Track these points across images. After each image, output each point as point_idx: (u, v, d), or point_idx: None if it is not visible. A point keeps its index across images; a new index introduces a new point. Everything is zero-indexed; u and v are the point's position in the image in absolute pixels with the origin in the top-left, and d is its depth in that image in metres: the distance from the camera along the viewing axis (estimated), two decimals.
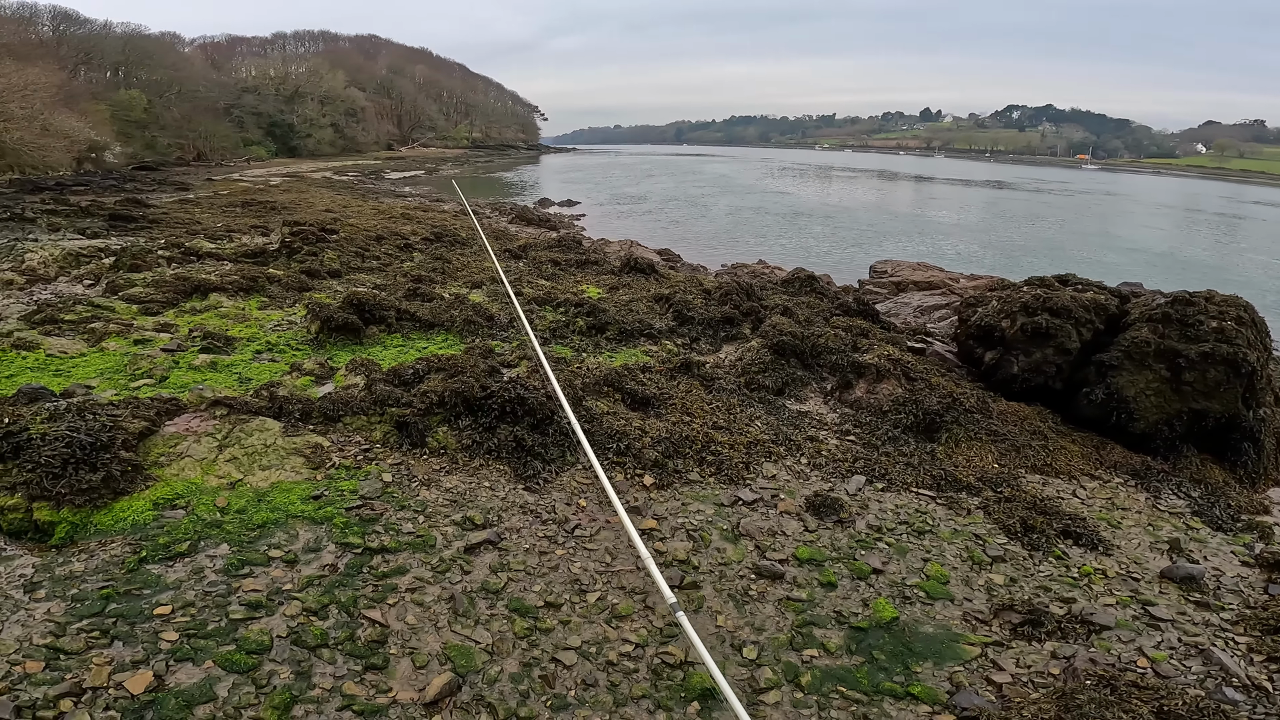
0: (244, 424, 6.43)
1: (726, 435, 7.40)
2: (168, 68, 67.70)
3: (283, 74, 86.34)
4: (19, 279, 10.01)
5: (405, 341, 9.40)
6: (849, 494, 6.50)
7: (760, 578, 5.16)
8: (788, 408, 8.66)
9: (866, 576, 5.21)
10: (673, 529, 5.75)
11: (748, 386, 9.00)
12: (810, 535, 5.75)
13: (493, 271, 14.52)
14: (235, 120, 70.86)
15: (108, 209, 20.08)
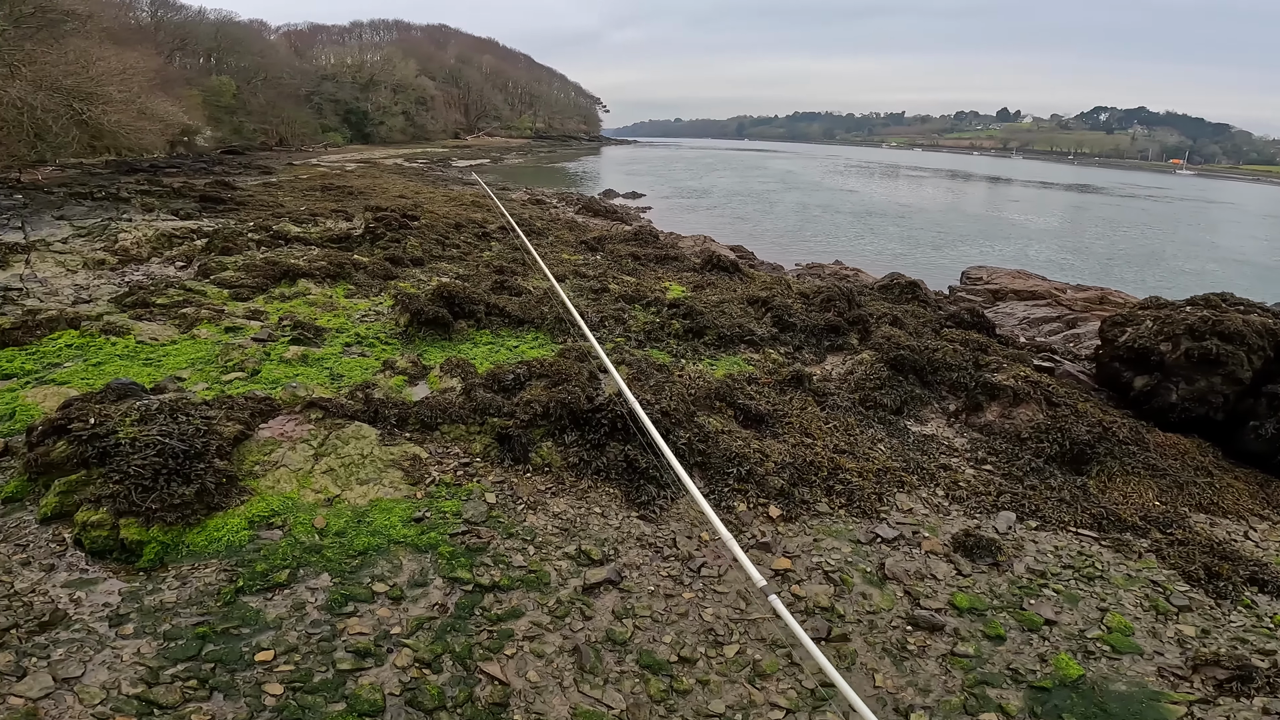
0: (340, 429, 5.83)
1: (852, 461, 6.55)
2: (255, 55, 69.41)
3: (359, 62, 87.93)
4: (111, 259, 9.75)
5: (495, 339, 8.72)
6: (999, 532, 5.73)
7: (917, 629, 4.52)
8: (910, 430, 7.72)
9: (1038, 628, 4.56)
10: (808, 569, 5.01)
11: (863, 404, 8.06)
12: (965, 580, 5.03)
13: (573, 264, 13.81)
14: (315, 107, 72.41)
15: (198, 191, 20.21)
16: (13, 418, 5.33)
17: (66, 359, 6.43)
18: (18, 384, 5.84)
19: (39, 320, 6.72)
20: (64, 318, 6.94)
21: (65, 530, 4.46)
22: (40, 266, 8.92)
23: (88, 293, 8.35)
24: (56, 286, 8.39)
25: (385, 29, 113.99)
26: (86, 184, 23.12)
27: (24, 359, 6.31)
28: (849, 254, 22.77)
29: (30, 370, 6.11)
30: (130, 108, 33.07)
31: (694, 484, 5.16)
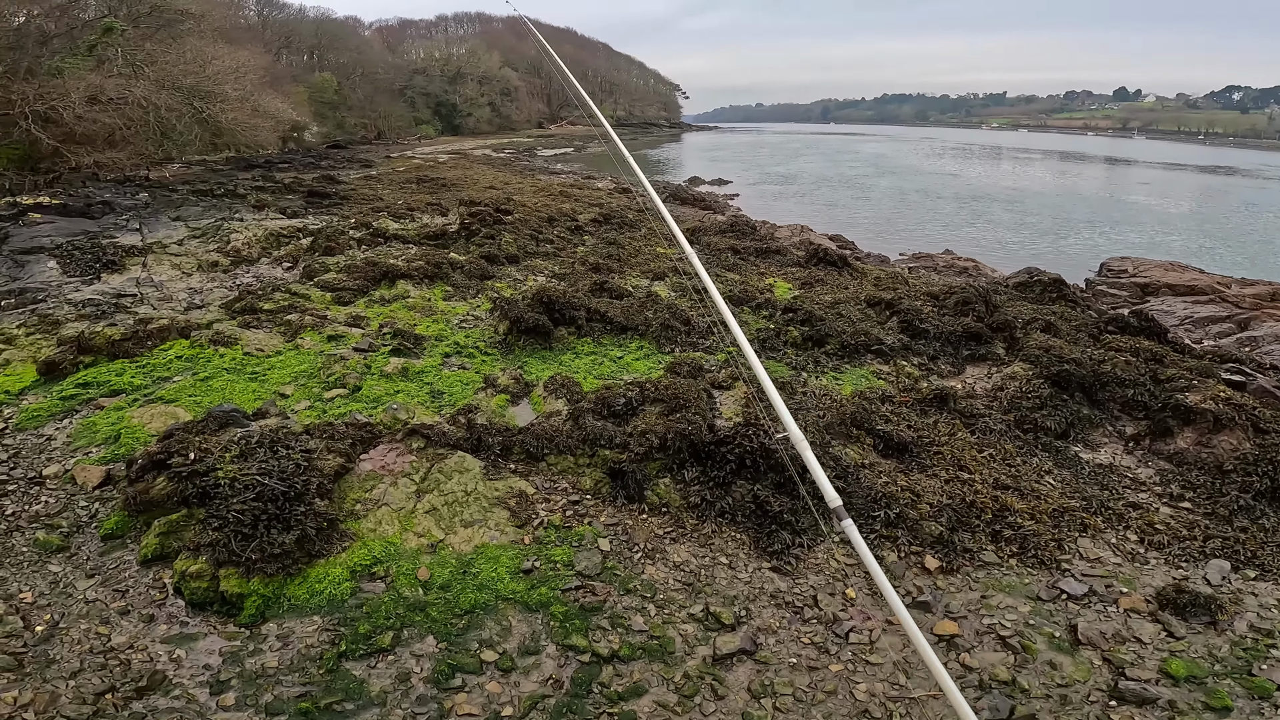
0: (442, 461, 5.29)
1: (1020, 499, 5.43)
2: (352, 51, 72.11)
3: (446, 55, 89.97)
4: (224, 260, 9.74)
5: (597, 348, 8.04)
6: (1212, 584, 4.78)
7: (1123, 703, 3.75)
8: (1081, 458, 6.42)
9: (1270, 695, 3.81)
10: (977, 633, 4.19)
11: (1020, 427, 6.80)
12: (1178, 643, 4.19)
13: (669, 259, 12.99)
14: (408, 100, 74.64)
15: (306, 185, 20.74)
16: (118, 441, 5.09)
17: (176, 372, 6.23)
18: (125, 401, 5.65)
19: (150, 330, 6.59)
20: (175, 327, 6.79)
21: (166, 574, 4.09)
22: (157, 269, 8.98)
23: (200, 297, 8.29)
24: (171, 291, 8.38)
25: (469, 22, 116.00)
26: (208, 181, 24.30)
27: (134, 372, 6.14)
28: (959, 243, 20.80)
29: (139, 386, 5.93)
30: (245, 105, 34.61)
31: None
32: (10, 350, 6.25)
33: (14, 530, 4.24)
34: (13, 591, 3.83)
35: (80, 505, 4.49)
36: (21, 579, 3.93)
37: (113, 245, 9.22)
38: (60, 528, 4.30)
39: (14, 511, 4.35)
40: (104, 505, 4.52)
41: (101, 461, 4.87)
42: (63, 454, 4.95)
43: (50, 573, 4.01)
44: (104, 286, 8.05)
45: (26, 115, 23.48)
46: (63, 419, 5.38)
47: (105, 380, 5.94)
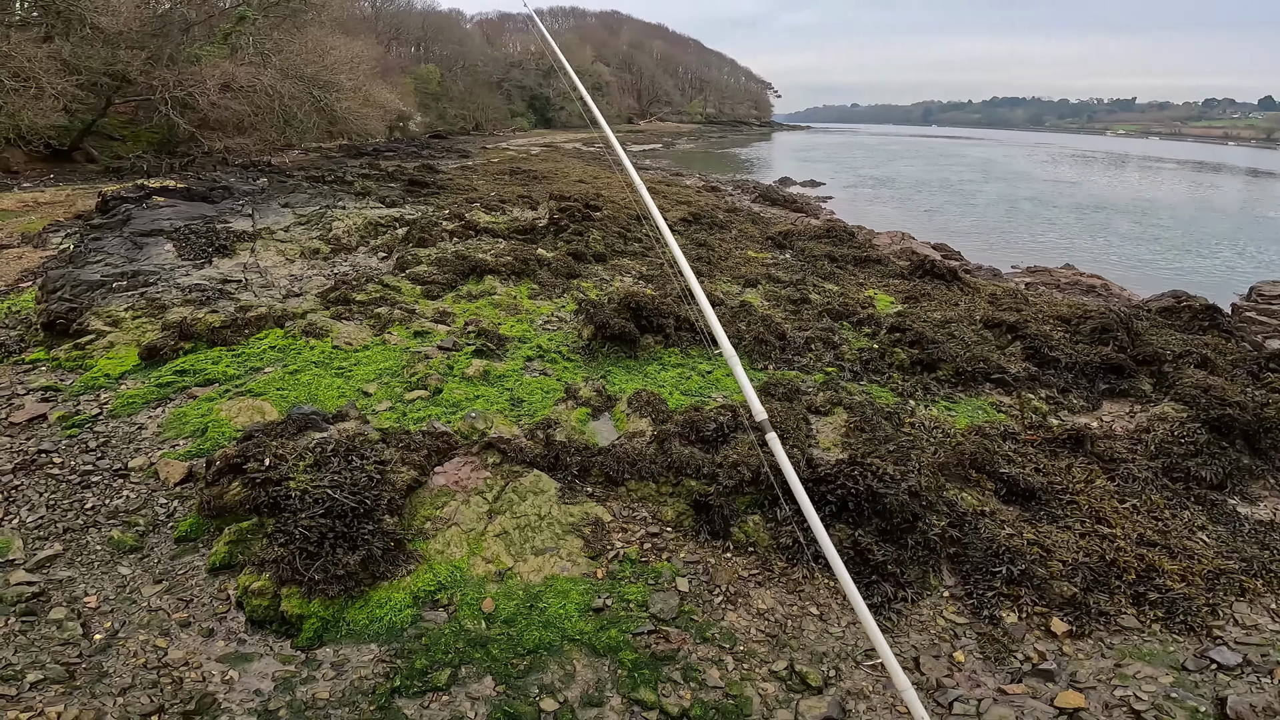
0: (517, 479, 4.90)
1: (1168, 558, 4.64)
2: (455, 43, 74.40)
3: (541, 49, 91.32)
4: (325, 248, 9.84)
5: (685, 359, 7.47)
6: None
7: None
8: (1239, 514, 5.47)
9: None
10: (1107, 705, 3.62)
11: (1169, 475, 5.80)
12: None
13: (762, 263, 12.25)
14: (504, 93, 76.32)
15: (408, 174, 21.22)
16: (204, 434, 5.00)
17: (268, 363, 6.17)
18: (217, 392, 5.59)
19: (248, 319, 6.59)
20: (271, 315, 6.78)
21: (231, 586, 3.88)
22: (264, 255, 9.15)
23: (300, 285, 8.34)
24: (274, 278, 8.49)
25: (563, 16, 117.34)
26: (321, 168, 25.42)
27: (228, 361, 6.12)
28: (1079, 257, 18.83)
29: (231, 376, 5.88)
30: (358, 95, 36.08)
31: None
32: (115, 333, 6.39)
33: (91, 526, 4.16)
34: (78, 594, 3.71)
35: (159, 503, 4.38)
36: (90, 580, 3.82)
37: (226, 230, 9.48)
38: (136, 526, 4.20)
39: (94, 505, 4.28)
40: (183, 504, 4.39)
41: (186, 456, 4.78)
42: (150, 445, 4.91)
43: (119, 575, 3.89)
44: (213, 271, 8.23)
45: (167, 101, 25.29)
46: (156, 407, 5.37)
47: (201, 368, 5.94)
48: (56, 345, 6.27)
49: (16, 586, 3.62)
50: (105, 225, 9.36)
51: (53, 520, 4.12)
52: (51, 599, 3.62)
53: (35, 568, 3.78)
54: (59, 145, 22.38)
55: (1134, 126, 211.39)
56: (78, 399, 5.45)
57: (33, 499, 4.27)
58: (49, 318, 6.35)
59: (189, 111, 25.75)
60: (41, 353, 6.22)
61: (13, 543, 3.87)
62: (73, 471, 4.54)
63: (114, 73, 23.14)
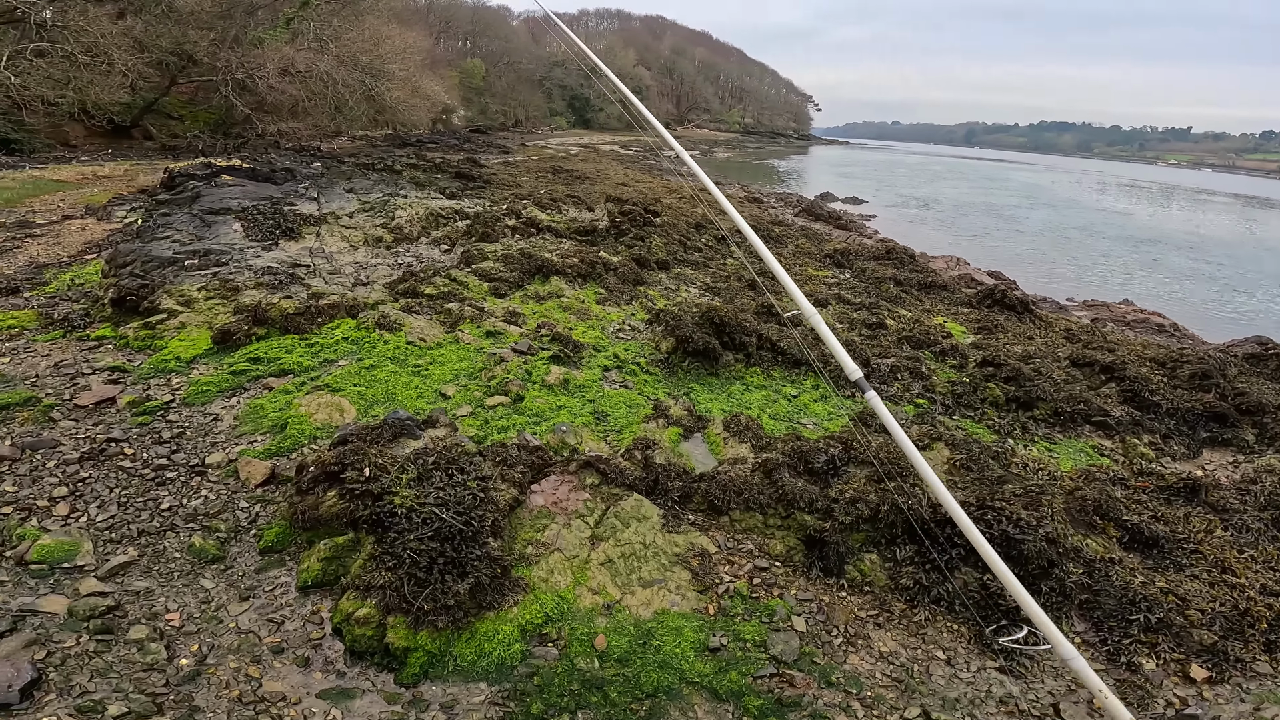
0: (618, 503, 4.46)
1: None
2: (501, 40, 74.51)
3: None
4: (388, 236, 9.50)
5: (768, 381, 6.99)
6: None
7: None
8: None
9: None
10: None
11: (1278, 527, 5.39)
12: None
13: (824, 282, 11.73)
14: (545, 92, 76.35)
15: (453, 167, 20.94)
16: (284, 431, 4.60)
17: (341, 355, 5.78)
18: (293, 384, 5.20)
19: (321, 306, 6.22)
20: (343, 305, 6.41)
21: (324, 607, 3.47)
22: (328, 240, 8.82)
23: (365, 273, 7.98)
24: (340, 264, 8.14)
25: (608, 18, 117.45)
26: (369, 155, 25.29)
27: (302, 350, 5.74)
28: (1135, 293, 18.06)
29: (306, 367, 5.50)
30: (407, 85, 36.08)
31: None
32: (188, 313, 6.04)
33: (168, 529, 3.74)
34: (159, 609, 3.30)
35: (241, 506, 3.97)
36: (170, 594, 3.41)
37: (293, 213, 9.17)
38: (218, 531, 3.79)
39: (170, 506, 3.87)
40: (265, 509, 3.98)
41: (266, 454, 4.38)
42: (228, 439, 4.51)
43: (202, 589, 3.48)
44: (281, 254, 7.90)
45: (228, 82, 25.34)
46: (230, 397, 4.99)
47: (275, 357, 5.57)
48: (125, 323, 5.94)
49: (89, 598, 3.23)
50: (172, 201, 9.09)
51: (125, 521, 3.70)
52: (129, 614, 3.22)
53: (108, 576, 3.37)
54: (120, 121, 22.45)
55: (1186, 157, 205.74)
56: (147, 383, 5.08)
57: (103, 495, 3.86)
58: (119, 293, 6.03)
59: (247, 94, 25.79)
60: (108, 329, 5.89)
61: (82, 545, 3.47)
62: (146, 465, 4.13)
63: (181, 52, 23.20)
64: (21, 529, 3.47)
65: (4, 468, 3.84)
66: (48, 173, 15.35)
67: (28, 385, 4.90)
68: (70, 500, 3.74)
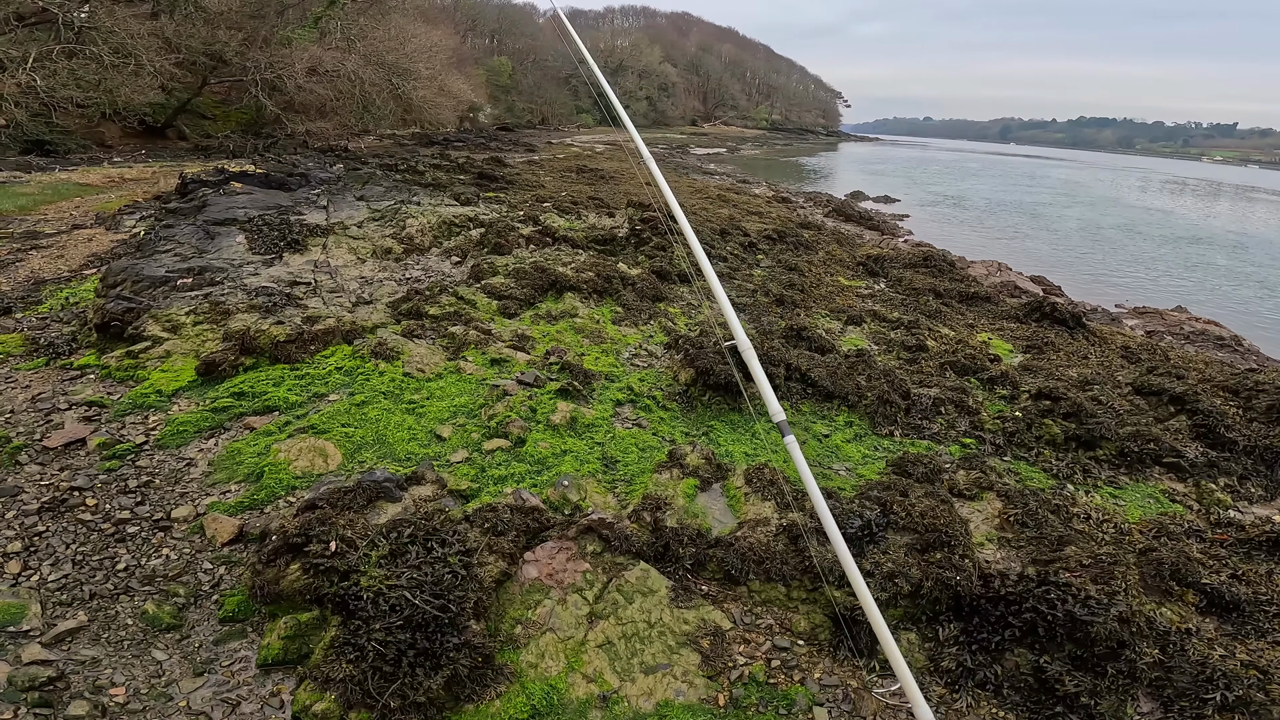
0: (622, 574, 3.91)
1: None
2: (527, 37, 74.20)
3: (610, 47, 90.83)
4: (397, 247, 9.05)
5: (797, 417, 6.35)
6: None
7: None
8: None
9: None
10: None
11: None
12: None
13: (856, 293, 11.00)
14: (571, 89, 75.87)
15: (477, 167, 20.56)
16: (259, 481, 4.14)
17: (333, 388, 5.31)
18: (276, 424, 4.74)
19: (314, 332, 5.77)
20: (339, 330, 5.95)
21: (286, 689, 3.00)
22: (335, 253, 8.40)
23: (370, 290, 7.53)
24: (344, 279, 7.70)
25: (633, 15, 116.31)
26: (394, 155, 25.07)
27: (291, 383, 5.29)
28: (1183, 295, 16.93)
29: (293, 403, 5.03)
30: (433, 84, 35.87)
31: None
32: (174, 340, 5.64)
33: (122, 592, 3.31)
34: (103, 682, 2.86)
35: (204, 567, 3.52)
36: (118, 664, 2.97)
37: (300, 223, 8.77)
38: (176, 596, 3.34)
39: (127, 566, 3.44)
40: (230, 571, 3.52)
41: (237, 509, 3.92)
42: (199, 490, 4.06)
43: (153, 661, 3.03)
44: (281, 270, 7.49)
45: (257, 82, 25.31)
46: (209, 438, 4.55)
47: (261, 390, 5.12)
48: (109, 349, 5.57)
49: (30, 666, 2.81)
50: (180, 210, 8.78)
51: (78, 581, 3.30)
52: (71, 685, 2.80)
53: (54, 642, 2.96)
54: (154, 122, 22.54)
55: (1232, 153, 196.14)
56: (123, 420, 4.67)
57: (58, 551, 3.45)
58: (103, 318, 5.66)
59: (276, 94, 25.76)
60: (92, 357, 5.51)
61: (29, 607, 3.07)
62: (107, 518, 3.72)
63: (212, 52, 23.17)
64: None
65: None
66: (75, 175, 15.31)
67: (0, 421, 4.53)
68: (23, 557, 3.36)
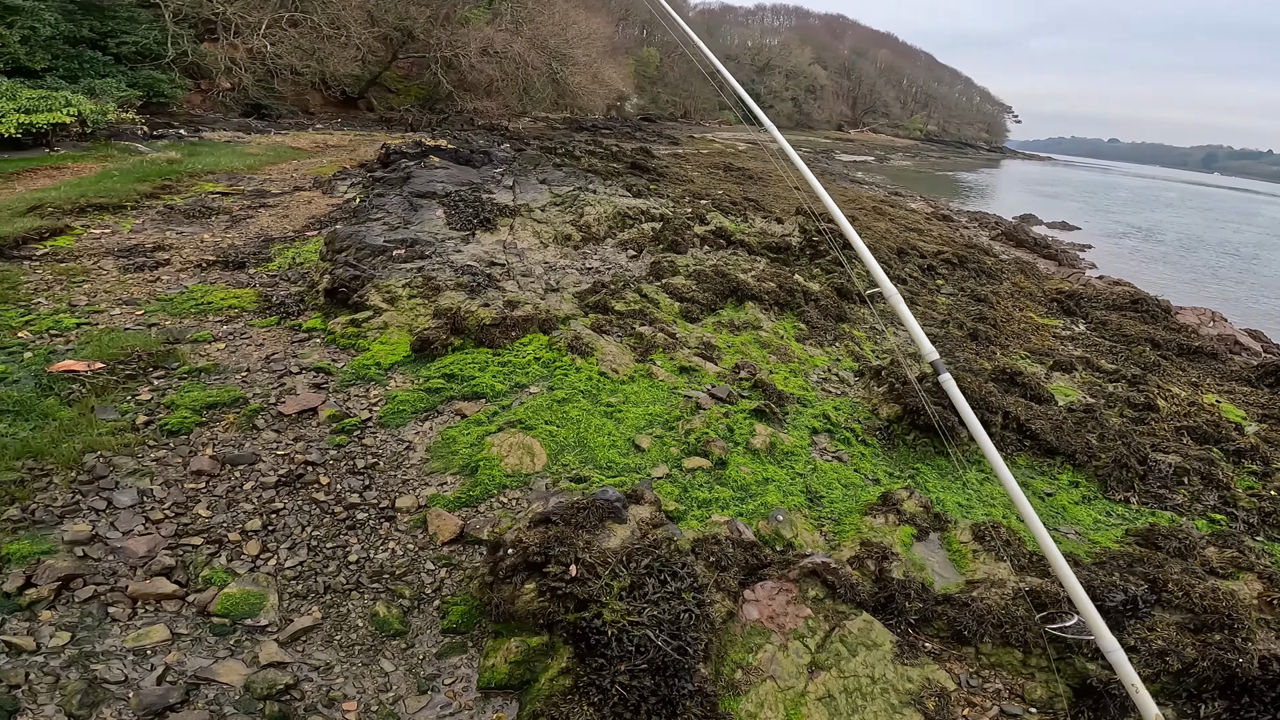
0: (844, 623, 3.44)
1: None
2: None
3: (758, 45, 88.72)
4: (576, 234, 8.98)
5: (1013, 470, 5.50)
6: None
7: None
8: None
9: None
10: None
11: None
12: None
13: (1053, 333, 9.66)
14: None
15: (629, 157, 20.52)
16: (474, 476, 4.03)
17: (532, 379, 5.19)
18: (485, 414, 4.65)
19: (515, 318, 5.69)
20: (536, 318, 5.84)
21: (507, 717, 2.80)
22: (520, 234, 8.46)
23: (555, 277, 7.46)
24: (530, 264, 7.70)
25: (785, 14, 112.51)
26: (550, 138, 25.72)
27: (495, 369, 5.22)
28: None
29: (499, 391, 4.94)
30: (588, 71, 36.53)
31: None
32: (391, 312, 5.78)
33: (354, 588, 3.24)
34: (336, 695, 2.76)
35: (427, 567, 3.40)
36: (350, 675, 2.86)
37: (490, 202, 8.92)
38: (402, 598, 3.23)
39: (358, 559, 3.37)
40: (451, 574, 3.39)
41: (456, 504, 3.82)
42: (418, 477, 4.01)
43: (380, 672, 2.91)
44: (478, 248, 7.60)
45: (437, 59, 26.86)
46: (424, 420, 4.54)
47: (469, 375, 5.08)
48: (334, 315, 5.80)
49: (267, 670, 2.75)
50: (386, 180, 9.22)
51: (313, 570, 3.24)
52: (306, 697, 2.71)
53: (290, 641, 2.91)
54: (350, 93, 24.49)
55: None
56: (347, 391, 4.78)
57: (294, 533, 3.43)
58: (333, 283, 5.91)
59: (451, 71, 27.21)
60: (318, 320, 5.77)
61: (268, 598, 3.03)
62: (339, 500, 3.71)
63: (403, 27, 24.77)
64: (209, 568, 3.11)
65: (201, 485, 3.57)
66: (288, 139, 16.86)
67: (238, 380, 4.76)
68: (262, 536, 3.36)
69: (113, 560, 2.96)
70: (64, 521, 3.10)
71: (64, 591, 2.78)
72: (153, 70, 17.99)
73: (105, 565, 2.93)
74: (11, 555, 2.82)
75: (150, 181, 9.96)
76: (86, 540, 3.00)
